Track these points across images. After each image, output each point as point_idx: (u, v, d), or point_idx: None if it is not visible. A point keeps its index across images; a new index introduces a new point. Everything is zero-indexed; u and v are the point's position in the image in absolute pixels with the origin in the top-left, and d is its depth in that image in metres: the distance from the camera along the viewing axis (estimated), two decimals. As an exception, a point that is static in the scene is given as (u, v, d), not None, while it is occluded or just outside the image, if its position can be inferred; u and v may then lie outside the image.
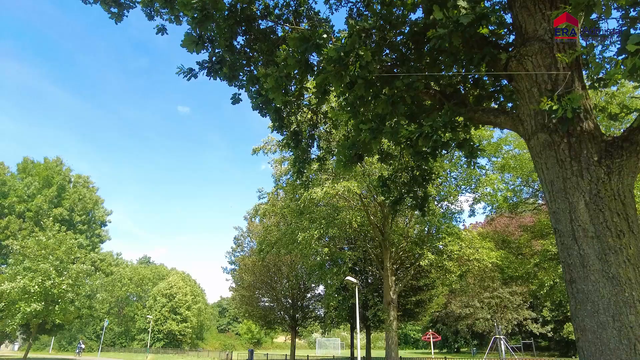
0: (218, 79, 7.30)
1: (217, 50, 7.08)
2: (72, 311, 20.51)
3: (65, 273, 19.73)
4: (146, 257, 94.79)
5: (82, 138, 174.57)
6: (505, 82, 5.61)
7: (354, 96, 6.11)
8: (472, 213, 24.73)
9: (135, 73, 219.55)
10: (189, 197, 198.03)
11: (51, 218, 30.27)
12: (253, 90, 7.35)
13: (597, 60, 4.34)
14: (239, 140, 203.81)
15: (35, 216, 30.96)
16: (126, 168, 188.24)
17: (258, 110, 7.25)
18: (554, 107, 3.79)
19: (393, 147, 10.62)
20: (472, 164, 6.48)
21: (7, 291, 18.08)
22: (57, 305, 19.35)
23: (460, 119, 5.53)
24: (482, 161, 25.27)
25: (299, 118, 8.87)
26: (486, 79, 6.02)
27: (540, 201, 26.32)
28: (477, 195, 23.60)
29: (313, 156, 9.52)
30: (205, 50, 6.88)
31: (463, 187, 23.62)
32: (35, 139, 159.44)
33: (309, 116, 9.42)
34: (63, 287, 19.13)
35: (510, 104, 5.85)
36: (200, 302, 76.74)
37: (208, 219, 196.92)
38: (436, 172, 7.93)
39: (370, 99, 6.08)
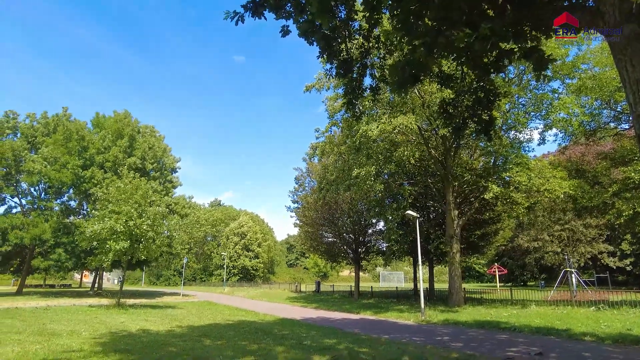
0: (264, 17, 6.81)
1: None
2: (154, 249, 22.91)
3: (144, 215, 21.89)
4: (217, 200, 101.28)
5: (145, 93, 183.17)
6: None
7: (406, 10, 5.62)
8: (542, 141, 22.88)
9: (188, 25, 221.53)
10: (249, 143, 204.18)
11: (126, 167, 32.79)
12: (301, 21, 6.98)
13: None
14: (295, 86, 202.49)
15: (112, 166, 33.68)
16: (187, 120, 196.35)
17: (304, 38, 6.92)
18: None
19: (453, 67, 9.85)
20: (541, 77, 5.80)
21: (99, 231, 20.65)
22: (140, 244, 21.78)
23: (526, 24, 4.88)
24: (555, 84, 22.94)
25: (349, 45, 8.40)
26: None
27: (623, 125, 23.61)
28: (548, 122, 21.70)
29: (366, 87, 9.09)
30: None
31: (533, 113, 21.77)
32: (102, 97, 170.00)
33: (360, 42, 8.89)
34: (144, 227, 21.32)
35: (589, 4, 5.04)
36: (269, 240, 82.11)
37: (270, 162, 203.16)
38: (502, 91, 7.29)
39: (423, 12, 5.56)
